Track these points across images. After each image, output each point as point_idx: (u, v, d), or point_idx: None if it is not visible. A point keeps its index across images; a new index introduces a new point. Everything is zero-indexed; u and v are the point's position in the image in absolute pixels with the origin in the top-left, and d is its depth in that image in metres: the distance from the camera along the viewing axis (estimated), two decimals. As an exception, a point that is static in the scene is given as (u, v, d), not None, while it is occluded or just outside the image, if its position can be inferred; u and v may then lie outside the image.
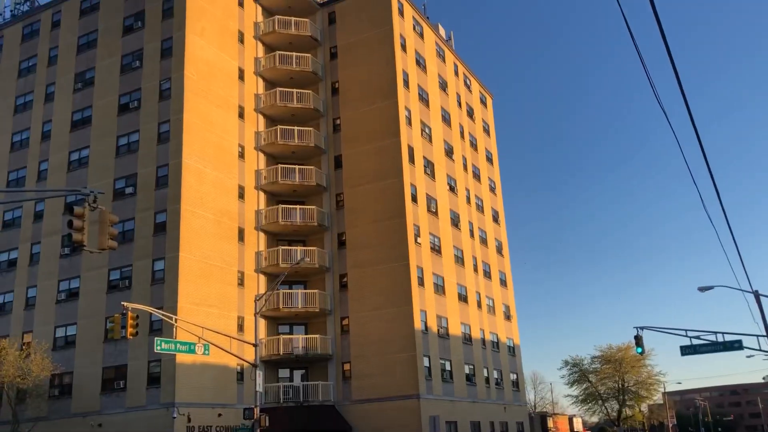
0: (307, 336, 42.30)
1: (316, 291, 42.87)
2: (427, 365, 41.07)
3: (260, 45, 47.83)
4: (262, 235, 43.94)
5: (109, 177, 41.27)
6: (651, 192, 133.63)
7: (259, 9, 48.49)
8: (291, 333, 43.28)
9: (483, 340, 49.98)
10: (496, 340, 52.31)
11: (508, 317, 56.01)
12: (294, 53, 47.31)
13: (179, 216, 37.79)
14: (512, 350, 55.19)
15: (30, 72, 47.94)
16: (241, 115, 44.45)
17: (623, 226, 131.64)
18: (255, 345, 32.02)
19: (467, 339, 47.59)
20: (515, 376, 54.37)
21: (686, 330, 34.28)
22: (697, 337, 34.27)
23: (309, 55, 47.68)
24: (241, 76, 45.31)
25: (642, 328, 34.55)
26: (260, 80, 47.10)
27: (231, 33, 45.20)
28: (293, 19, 48.00)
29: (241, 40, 46.04)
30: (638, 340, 34.79)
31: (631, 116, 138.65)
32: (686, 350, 34.53)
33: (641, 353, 36.45)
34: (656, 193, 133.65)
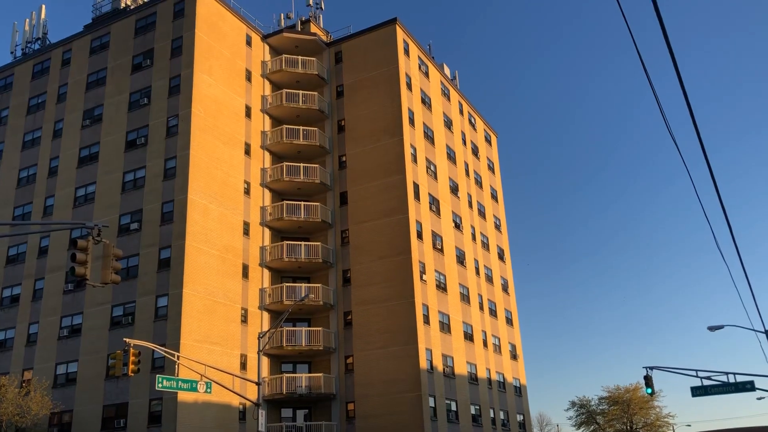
0: (311, 375, 41.70)
1: (320, 329, 42.42)
2: (433, 405, 40.35)
3: (267, 83, 48.31)
4: (266, 271, 43.70)
5: (115, 213, 41.29)
6: (661, 230, 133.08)
7: (267, 48, 49.11)
8: (294, 371, 42.69)
9: (489, 380, 49.22)
10: (502, 380, 51.51)
11: (514, 356, 55.26)
12: (301, 91, 47.73)
13: (184, 252, 37.65)
14: (519, 390, 54.31)
15: (39, 109, 48.42)
16: (247, 152, 44.64)
17: (632, 265, 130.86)
18: (258, 383, 31.50)
19: (473, 379, 46.86)
20: (522, 417, 53.38)
21: (696, 370, 33.70)
22: (708, 378, 33.65)
23: (315, 93, 48.11)
24: (248, 114, 45.66)
25: (651, 368, 33.97)
26: (267, 117, 47.44)
27: (238, 71, 45.70)
28: (300, 58, 48.57)
29: (249, 78, 46.52)
30: (648, 380, 34.17)
31: (641, 157, 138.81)
32: (697, 391, 33.89)
33: (651, 394, 35.75)
34: (666, 232, 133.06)
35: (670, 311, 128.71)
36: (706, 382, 33.94)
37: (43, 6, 52.95)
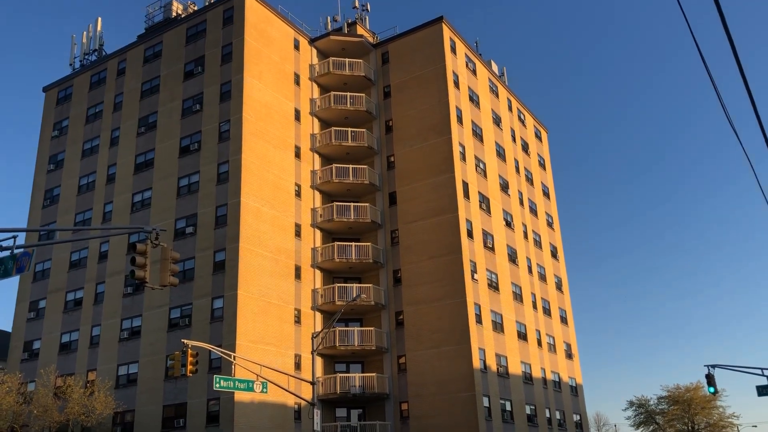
0: (364, 374, 41.87)
1: (372, 329, 42.57)
2: (487, 405, 40.03)
3: (315, 86, 48.76)
4: (318, 272, 44.10)
5: (171, 217, 42.29)
6: (724, 225, 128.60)
7: (314, 51, 49.58)
8: (347, 371, 42.95)
9: (544, 380, 48.55)
10: (557, 380, 50.74)
11: (569, 356, 54.37)
12: (348, 93, 48.02)
13: (238, 254, 38.31)
14: (575, 390, 53.42)
15: (97, 118, 49.98)
16: (297, 155, 45.16)
17: (692, 261, 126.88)
18: (312, 383, 31.81)
19: (528, 378, 46.30)
20: (578, 417, 52.48)
21: (762, 369, 32.54)
22: (775, 377, 32.44)
23: (363, 94, 48.32)
24: (297, 117, 46.18)
25: (714, 367, 32.98)
26: (316, 120, 47.88)
27: (287, 75, 46.26)
28: (347, 60, 48.86)
29: (297, 82, 47.05)
30: (710, 379, 33.19)
31: (703, 147, 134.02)
32: (763, 390, 32.74)
33: (714, 393, 34.72)
34: (730, 226, 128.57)
35: (733, 308, 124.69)
36: (773, 381, 32.73)
37: (99, 19, 54.64)
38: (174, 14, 50.30)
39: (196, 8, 50.03)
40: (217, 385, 27.55)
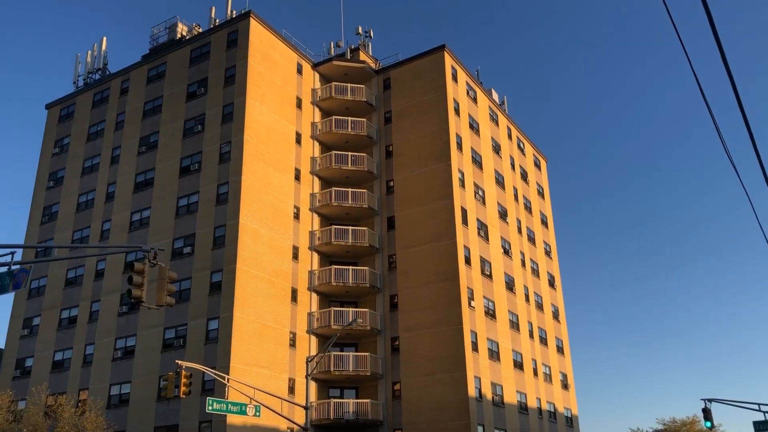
0: (358, 400, 41.52)
1: (367, 354, 42.30)
2: (482, 434, 39.61)
3: (317, 110, 49.07)
4: (314, 295, 43.95)
5: (169, 237, 42.25)
6: (723, 257, 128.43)
7: (317, 76, 49.98)
8: (341, 397, 42.59)
9: (539, 410, 48.17)
10: (553, 410, 50.34)
11: (565, 386, 54.02)
12: (350, 118, 48.32)
13: (235, 276, 38.22)
14: (570, 421, 52.96)
15: (98, 136, 50.16)
16: (297, 177, 45.28)
17: (691, 294, 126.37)
18: (306, 408, 31.52)
19: (523, 408, 45.94)
20: (573, 448, 51.95)
21: (759, 404, 32.33)
22: (772, 412, 32.23)
23: (364, 119, 48.63)
24: (298, 140, 46.39)
25: (710, 401, 32.76)
26: (316, 143, 48.10)
27: (289, 99, 46.58)
28: (349, 85, 49.23)
29: (299, 106, 47.36)
30: (706, 413, 32.95)
31: (700, 175, 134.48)
32: (761, 426, 32.52)
33: (710, 428, 34.40)
34: (728, 259, 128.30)
35: (731, 342, 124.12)
36: (770, 417, 32.50)
37: (104, 38, 55.15)
38: (179, 36, 50.77)
39: (200, 30, 50.51)
40: (210, 408, 27.32)
